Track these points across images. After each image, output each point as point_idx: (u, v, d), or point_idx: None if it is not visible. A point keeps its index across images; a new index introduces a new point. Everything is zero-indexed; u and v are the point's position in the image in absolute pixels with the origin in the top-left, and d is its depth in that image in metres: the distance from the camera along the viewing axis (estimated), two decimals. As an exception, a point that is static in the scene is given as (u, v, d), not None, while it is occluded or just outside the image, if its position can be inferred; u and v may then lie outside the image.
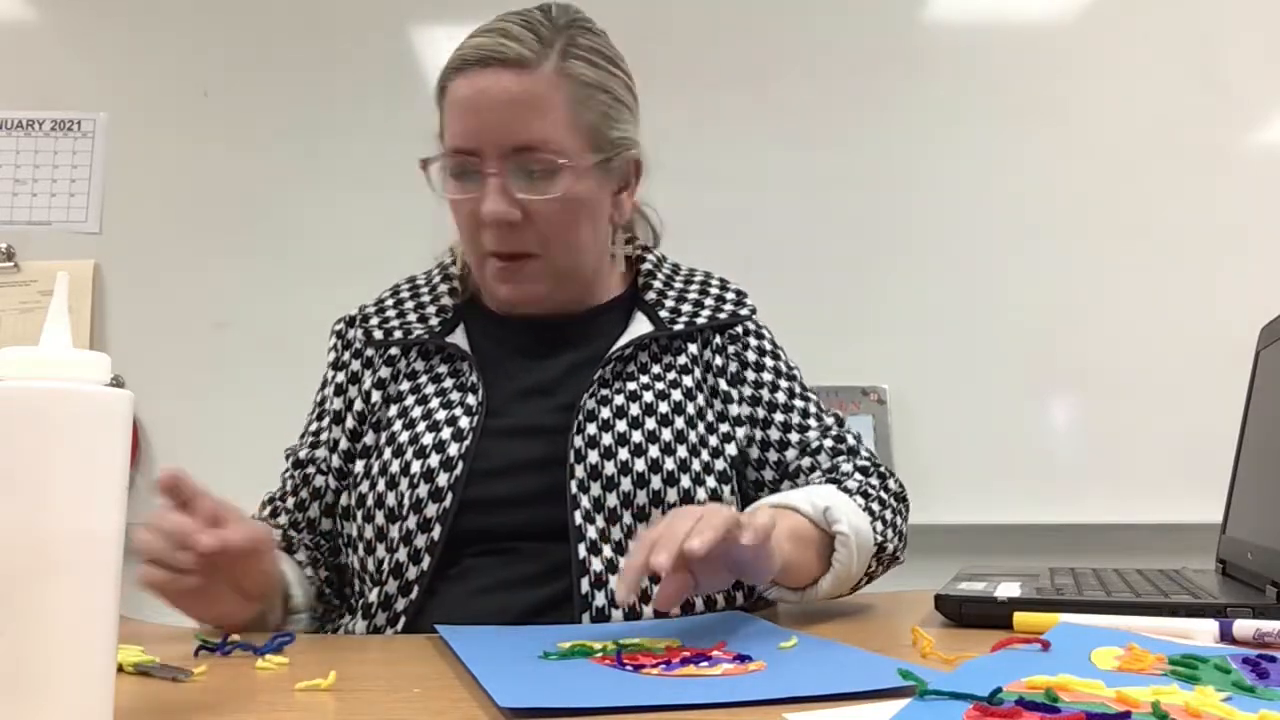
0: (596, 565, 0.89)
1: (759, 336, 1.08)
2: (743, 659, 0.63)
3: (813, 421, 1.04)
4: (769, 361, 1.06)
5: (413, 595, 0.91)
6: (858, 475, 0.99)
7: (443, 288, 1.07)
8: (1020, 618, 0.74)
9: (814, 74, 2.13)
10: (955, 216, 2.08)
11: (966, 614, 0.81)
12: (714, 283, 1.10)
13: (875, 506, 0.94)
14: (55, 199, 2.16)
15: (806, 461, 1.02)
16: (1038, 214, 2.06)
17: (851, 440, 1.05)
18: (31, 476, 0.44)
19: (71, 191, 2.17)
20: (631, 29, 2.32)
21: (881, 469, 1.02)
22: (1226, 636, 0.68)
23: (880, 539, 0.92)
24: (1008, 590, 0.82)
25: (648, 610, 0.89)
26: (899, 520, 0.98)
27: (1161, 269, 2.02)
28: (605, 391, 0.97)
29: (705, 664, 0.61)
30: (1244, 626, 0.68)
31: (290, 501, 1.02)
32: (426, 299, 1.07)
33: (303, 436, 1.06)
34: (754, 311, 1.09)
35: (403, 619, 0.91)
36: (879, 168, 2.10)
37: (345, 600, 1.02)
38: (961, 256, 2.07)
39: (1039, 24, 2.13)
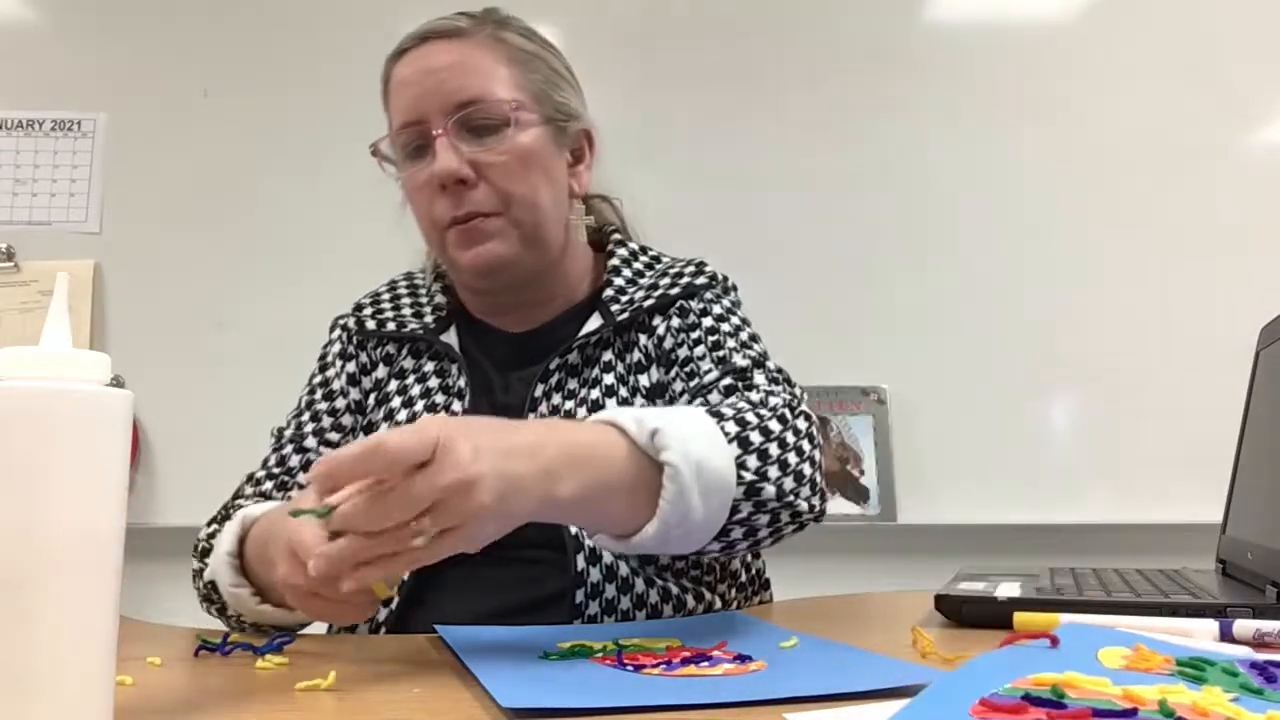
0: (595, 575, 0.88)
1: (710, 303, 0.98)
2: (743, 659, 0.63)
3: (711, 366, 0.91)
4: (706, 321, 0.96)
5: (392, 605, 0.90)
6: (743, 403, 0.81)
7: (436, 285, 1.07)
8: (1020, 618, 0.73)
9: (814, 74, 2.13)
10: (955, 216, 2.08)
11: (966, 614, 0.80)
12: (684, 266, 1.03)
13: (754, 437, 0.77)
14: (55, 199, 2.16)
15: (697, 403, 0.88)
16: (1037, 214, 2.07)
17: (761, 378, 0.89)
18: (31, 476, 0.44)
19: (71, 191, 2.17)
20: (632, 29, 2.32)
21: (780, 401, 0.83)
22: (1226, 636, 0.68)
23: (754, 478, 0.75)
24: (1008, 590, 0.81)
25: (641, 617, 0.89)
26: (802, 463, 0.80)
27: (1161, 269, 2.02)
28: (569, 404, 0.94)
29: (706, 664, 0.61)
30: (1244, 626, 0.67)
31: (303, 477, 0.98)
32: (423, 296, 1.06)
33: (307, 418, 1.02)
34: (714, 279, 1.01)
35: (383, 629, 0.91)
36: (879, 167, 2.10)
37: None
38: (962, 256, 2.07)
39: (1039, 24, 2.13)
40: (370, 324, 1.03)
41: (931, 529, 1.99)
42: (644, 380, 0.96)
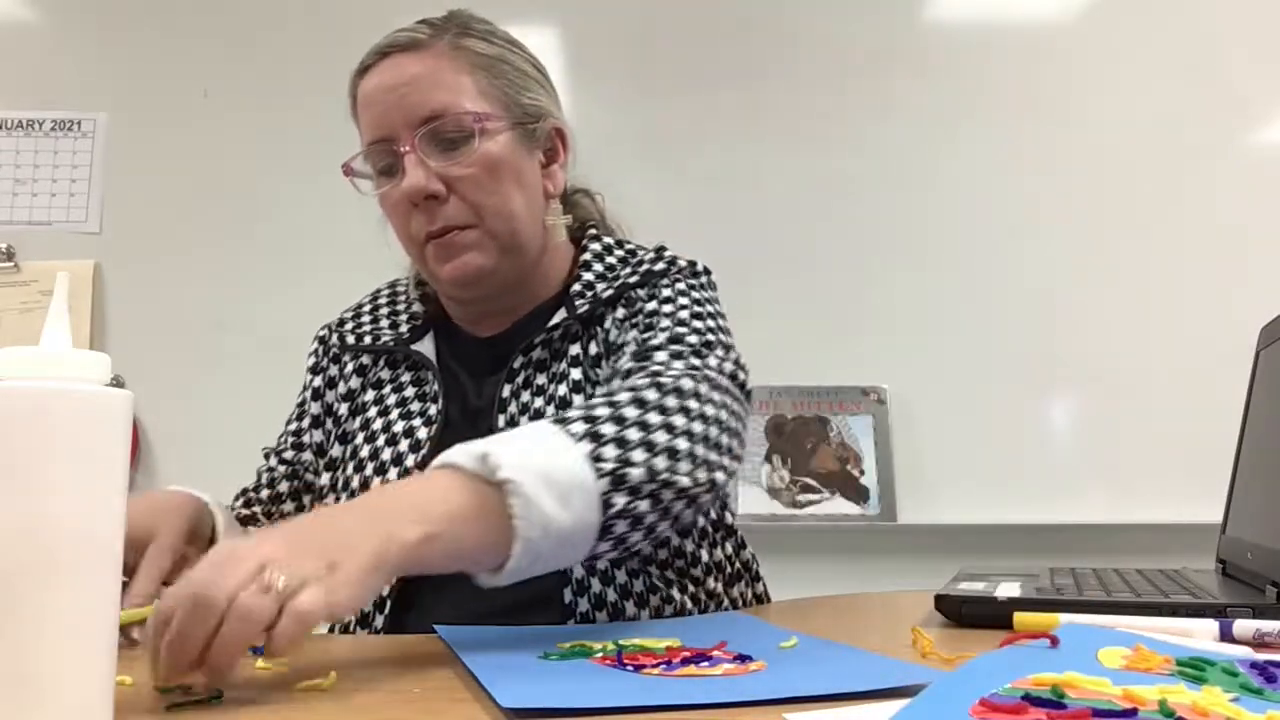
0: (578, 571, 0.88)
1: (666, 287, 0.96)
2: (743, 659, 0.63)
3: (629, 348, 0.90)
4: (650, 305, 0.94)
5: (386, 611, 0.91)
6: (598, 398, 0.79)
7: (416, 294, 1.07)
8: (1020, 618, 0.73)
9: (814, 74, 2.13)
10: (955, 216, 2.08)
11: (966, 614, 0.80)
12: (645, 252, 1.01)
13: (606, 429, 0.74)
14: (55, 199, 2.16)
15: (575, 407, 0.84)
16: (1037, 214, 2.07)
17: (662, 355, 0.86)
18: (31, 476, 0.44)
19: (71, 191, 2.17)
20: (632, 29, 2.32)
21: (645, 381, 0.81)
22: (1226, 636, 0.67)
23: (615, 465, 0.72)
24: (1008, 590, 0.81)
25: (630, 609, 0.89)
26: (675, 439, 0.77)
27: (1161, 269, 2.02)
28: (539, 401, 0.94)
29: (706, 664, 0.61)
30: (1244, 626, 0.67)
31: (265, 494, 1.04)
32: (401, 307, 1.07)
33: (282, 436, 1.07)
34: (673, 264, 0.99)
35: (381, 633, 0.91)
36: (879, 168, 2.10)
37: None
38: (962, 256, 2.07)
39: (1039, 24, 2.13)
40: (350, 338, 1.05)
41: (931, 529, 1.99)
42: (603, 373, 0.95)
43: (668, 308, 0.94)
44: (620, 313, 0.96)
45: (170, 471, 2.05)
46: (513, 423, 0.93)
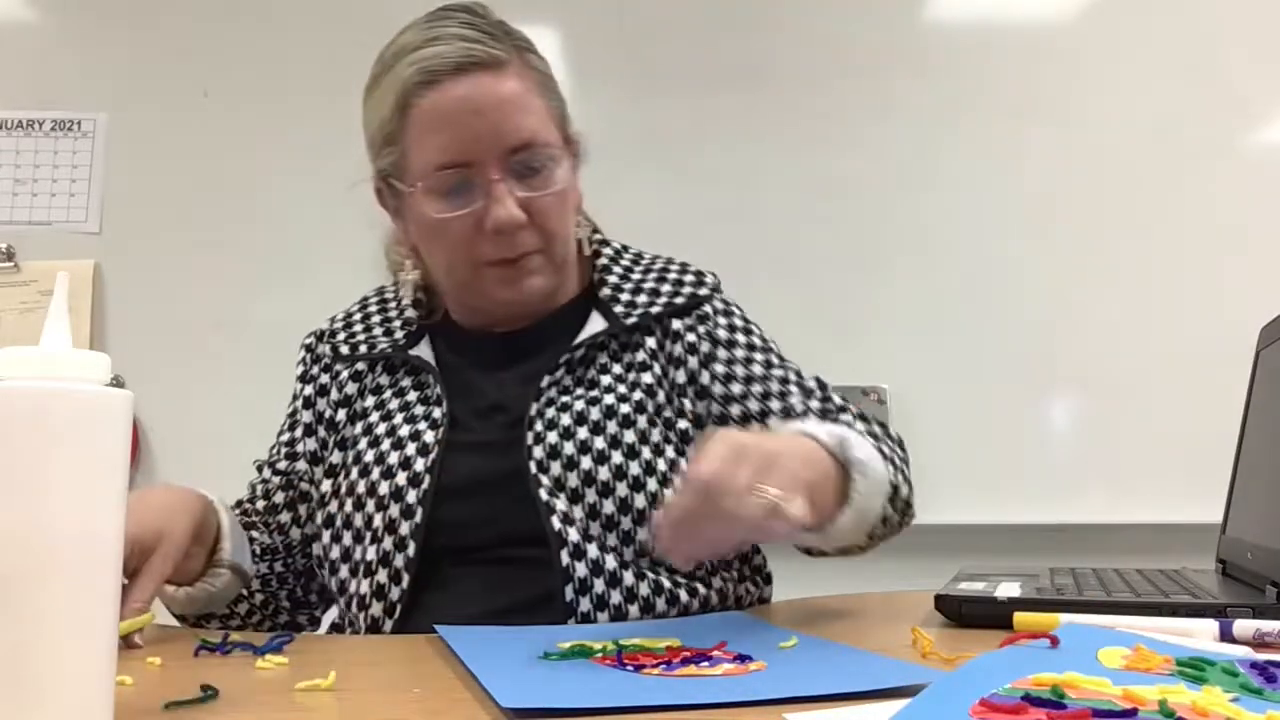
0: (581, 571, 0.88)
1: (728, 314, 1.03)
2: (743, 659, 0.63)
3: (794, 389, 0.99)
4: (741, 337, 1.01)
5: (396, 615, 0.91)
6: (858, 424, 0.95)
7: (408, 300, 1.06)
8: (1020, 618, 0.73)
9: (814, 74, 2.13)
10: (955, 216, 2.08)
11: (966, 614, 0.80)
12: (673, 268, 1.05)
13: (885, 448, 0.90)
14: (55, 199, 2.16)
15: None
16: (1037, 214, 2.07)
17: (840, 400, 1.01)
18: (31, 476, 0.44)
19: (71, 191, 2.17)
20: (632, 29, 2.32)
21: (876, 422, 0.98)
22: (1226, 636, 0.68)
23: (894, 480, 0.88)
24: (1008, 590, 0.81)
25: (634, 611, 0.89)
26: (906, 470, 0.94)
27: (1161, 269, 2.02)
28: (565, 398, 0.95)
29: (706, 664, 0.61)
30: (1244, 626, 0.67)
31: (260, 505, 1.03)
32: (393, 313, 1.06)
33: (274, 448, 1.06)
34: (716, 289, 1.04)
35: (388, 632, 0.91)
36: (879, 168, 2.10)
37: (301, 608, 1.04)
38: (962, 256, 2.07)
39: (1039, 24, 2.13)
40: (344, 349, 1.04)
41: (931, 529, 1.99)
42: (646, 378, 0.96)
43: (755, 339, 1.03)
44: (703, 328, 1.00)
45: (170, 471, 2.05)
46: (541, 417, 0.93)
